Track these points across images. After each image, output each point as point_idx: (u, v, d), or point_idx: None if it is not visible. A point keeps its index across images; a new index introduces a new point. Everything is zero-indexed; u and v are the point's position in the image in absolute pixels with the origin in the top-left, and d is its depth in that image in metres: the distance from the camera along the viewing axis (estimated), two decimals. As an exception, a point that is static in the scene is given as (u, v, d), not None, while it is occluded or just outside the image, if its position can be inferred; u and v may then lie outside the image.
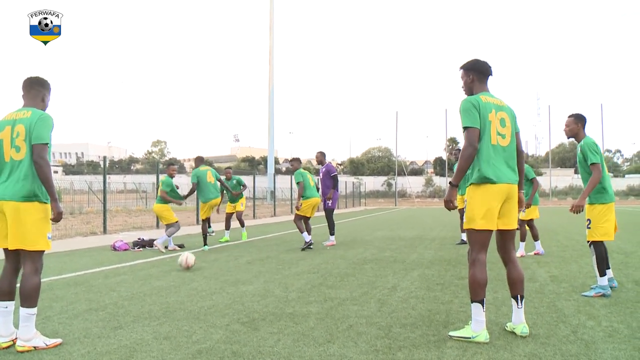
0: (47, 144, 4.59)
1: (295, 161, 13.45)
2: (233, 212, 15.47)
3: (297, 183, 12.66)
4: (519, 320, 4.76)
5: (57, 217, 4.71)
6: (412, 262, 9.81)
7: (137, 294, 6.94)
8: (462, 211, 13.23)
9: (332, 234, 13.60)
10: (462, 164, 4.59)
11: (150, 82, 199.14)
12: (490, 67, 4.92)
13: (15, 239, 4.55)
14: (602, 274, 6.39)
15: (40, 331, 5.01)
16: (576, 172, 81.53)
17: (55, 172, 74.05)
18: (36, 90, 4.86)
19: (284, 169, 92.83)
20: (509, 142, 4.73)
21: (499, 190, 4.60)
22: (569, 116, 6.75)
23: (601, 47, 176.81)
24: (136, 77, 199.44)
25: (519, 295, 4.76)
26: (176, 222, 12.72)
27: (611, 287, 6.66)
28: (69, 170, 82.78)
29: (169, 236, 12.50)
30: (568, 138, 6.80)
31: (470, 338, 4.57)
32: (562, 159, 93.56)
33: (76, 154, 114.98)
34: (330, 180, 13.35)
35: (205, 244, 12.33)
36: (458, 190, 13.00)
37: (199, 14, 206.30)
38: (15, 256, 4.68)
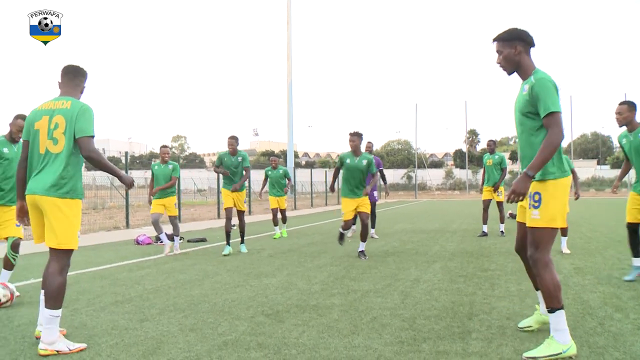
0: (92, 136, 4.48)
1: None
2: (277, 207, 14.29)
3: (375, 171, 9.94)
4: (546, 311, 4.62)
5: (130, 184, 4.88)
6: (434, 255, 9.78)
7: (161, 287, 7.01)
8: (500, 204, 13.18)
9: (373, 227, 13.41)
10: (550, 154, 3.88)
11: (169, 77, 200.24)
12: (533, 36, 4.24)
13: (47, 235, 4.43)
14: None
15: (69, 323, 5.10)
16: (599, 163, 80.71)
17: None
18: (79, 80, 4.73)
19: (303, 162, 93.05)
20: None
21: (568, 184, 4.13)
22: (621, 103, 6.64)
23: (622, 34, 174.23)
24: (156, 73, 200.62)
25: None
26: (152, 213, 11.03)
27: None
28: (91, 166, 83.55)
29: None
30: (620, 126, 6.69)
31: (562, 353, 3.90)
32: (584, 150, 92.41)
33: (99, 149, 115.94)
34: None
35: (228, 243, 10.58)
36: (487, 182, 13.11)
37: (218, 8, 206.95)
38: None
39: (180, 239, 13.19)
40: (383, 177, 13.75)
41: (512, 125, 4.33)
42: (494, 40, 4.26)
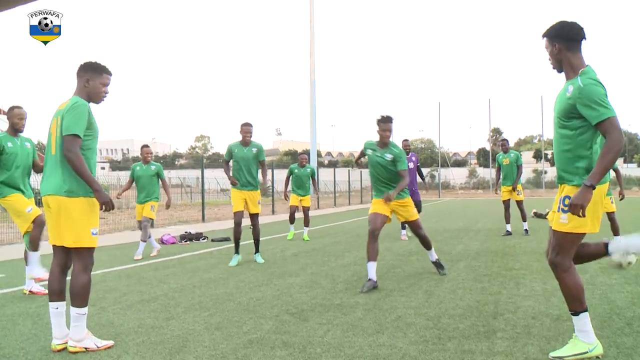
0: (75, 135, 4.27)
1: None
2: (297, 205, 13.77)
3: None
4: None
5: (104, 207, 4.36)
6: (458, 254, 9.73)
7: (186, 286, 7.08)
8: (520, 203, 13.08)
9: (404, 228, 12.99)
10: (611, 162, 3.65)
11: (193, 77, 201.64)
12: (580, 29, 3.92)
13: (55, 234, 4.44)
14: None
15: (96, 321, 5.17)
16: (625, 161, 79.55)
17: (103, 168, 75.70)
18: (78, 76, 4.56)
19: (326, 162, 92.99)
20: None
21: (603, 191, 3.93)
22: None
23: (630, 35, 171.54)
24: (179, 73, 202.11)
25: None
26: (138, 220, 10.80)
27: None
28: (115, 166, 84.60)
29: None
30: None
31: (587, 352, 3.84)
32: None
33: (122, 150, 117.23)
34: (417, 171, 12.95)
35: (237, 252, 9.22)
36: (505, 182, 13.02)
37: (240, 7, 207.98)
38: (62, 253, 4.51)
39: (204, 239, 13.35)
40: (421, 174, 13.47)
41: (536, 124, 4.18)
42: (542, 36, 4.05)
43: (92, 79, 4.53)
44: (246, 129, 9.07)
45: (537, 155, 76.95)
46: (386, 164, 7.25)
